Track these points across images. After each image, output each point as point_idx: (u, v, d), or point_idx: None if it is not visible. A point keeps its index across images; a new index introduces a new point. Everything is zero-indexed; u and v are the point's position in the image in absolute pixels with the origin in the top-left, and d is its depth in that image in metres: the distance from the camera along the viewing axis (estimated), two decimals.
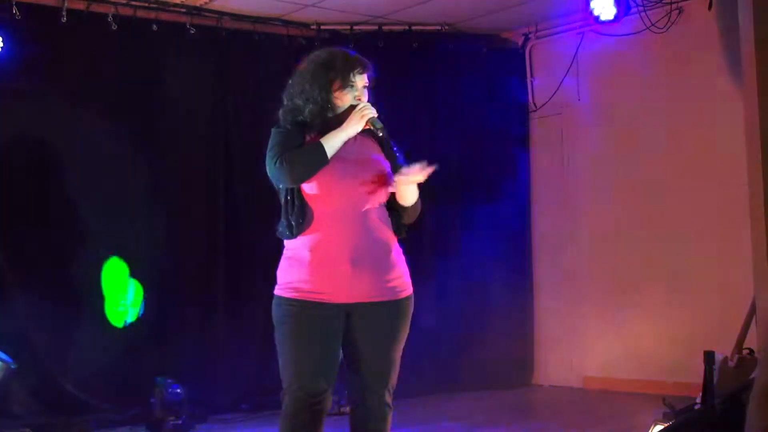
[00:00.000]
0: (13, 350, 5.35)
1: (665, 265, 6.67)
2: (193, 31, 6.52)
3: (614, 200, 7.07)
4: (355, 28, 7.08)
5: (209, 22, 6.63)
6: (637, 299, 6.83)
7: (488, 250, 7.23)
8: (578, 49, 7.24)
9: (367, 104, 3.18)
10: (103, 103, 6.13)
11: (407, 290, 3.21)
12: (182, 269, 6.45)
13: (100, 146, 6.08)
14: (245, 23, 6.78)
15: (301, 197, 3.11)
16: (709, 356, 5.00)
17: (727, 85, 6.15)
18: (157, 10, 6.38)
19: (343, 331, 3.14)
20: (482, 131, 7.30)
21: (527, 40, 7.59)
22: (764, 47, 4.38)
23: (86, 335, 5.95)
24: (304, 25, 7.00)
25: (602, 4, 6.55)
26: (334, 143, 3.10)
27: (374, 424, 3.20)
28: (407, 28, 7.16)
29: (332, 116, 3.17)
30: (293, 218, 3.11)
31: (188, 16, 6.51)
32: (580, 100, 7.33)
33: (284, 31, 6.93)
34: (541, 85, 7.58)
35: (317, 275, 3.08)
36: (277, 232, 3.19)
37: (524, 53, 7.62)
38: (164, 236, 6.29)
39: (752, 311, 4.96)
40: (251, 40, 6.78)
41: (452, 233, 7.35)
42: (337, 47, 3.33)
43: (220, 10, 6.59)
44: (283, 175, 3.07)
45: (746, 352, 5.37)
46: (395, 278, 3.17)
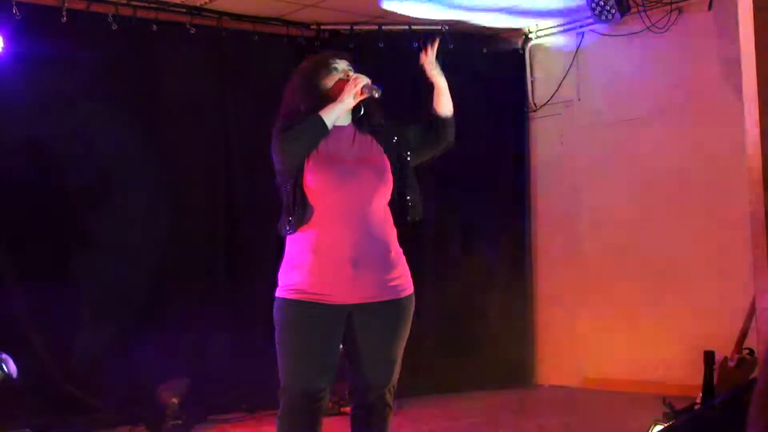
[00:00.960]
0: (13, 350, 5.35)
1: (665, 264, 6.67)
2: (193, 31, 6.52)
3: (614, 200, 7.07)
4: (355, 28, 7.07)
5: (209, 22, 6.63)
6: (637, 299, 6.83)
7: (488, 250, 7.24)
8: (578, 49, 7.25)
9: (358, 74, 3.21)
10: (103, 102, 6.12)
11: (408, 289, 3.21)
12: (182, 269, 6.45)
13: (100, 146, 6.09)
14: (245, 23, 6.78)
15: (302, 193, 3.11)
16: (709, 356, 5.01)
17: (726, 85, 6.15)
18: (157, 10, 6.38)
19: (343, 330, 3.13)
20: (482, 131, 7.29)
21: (527, 39, 7.59)
22: (764, 47, 4.38)
23: (86, 335, 5.96)
24: (304, 25, 6.99)
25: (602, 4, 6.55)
26: (331, 114, 3.12)
27: (375, 423, 3.20)
28: (407, 28, 7.16)
29: (327, 97, 3.18)
30: (294, 213, 3.11)
31: (188, 16, 6.51)
32: (580, 100, 7.33)
33: (284, 31, 6.93)
34: (540, 85, 7.59)
35: (319, 277, 3.08)
36: (277, 229, 3.20)
37: (524, 53, 7.63)
38: (164, 236, 6.30)
39: (752, 311, 4.96)
40: (251, 40, 6.77)
41: (452, 233, 7.36)
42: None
43: (220, 10, 6.59)
44: (288, 149, 3.09)
45: (746, 352, 5.39)
46: (396, 277, 3.17)
